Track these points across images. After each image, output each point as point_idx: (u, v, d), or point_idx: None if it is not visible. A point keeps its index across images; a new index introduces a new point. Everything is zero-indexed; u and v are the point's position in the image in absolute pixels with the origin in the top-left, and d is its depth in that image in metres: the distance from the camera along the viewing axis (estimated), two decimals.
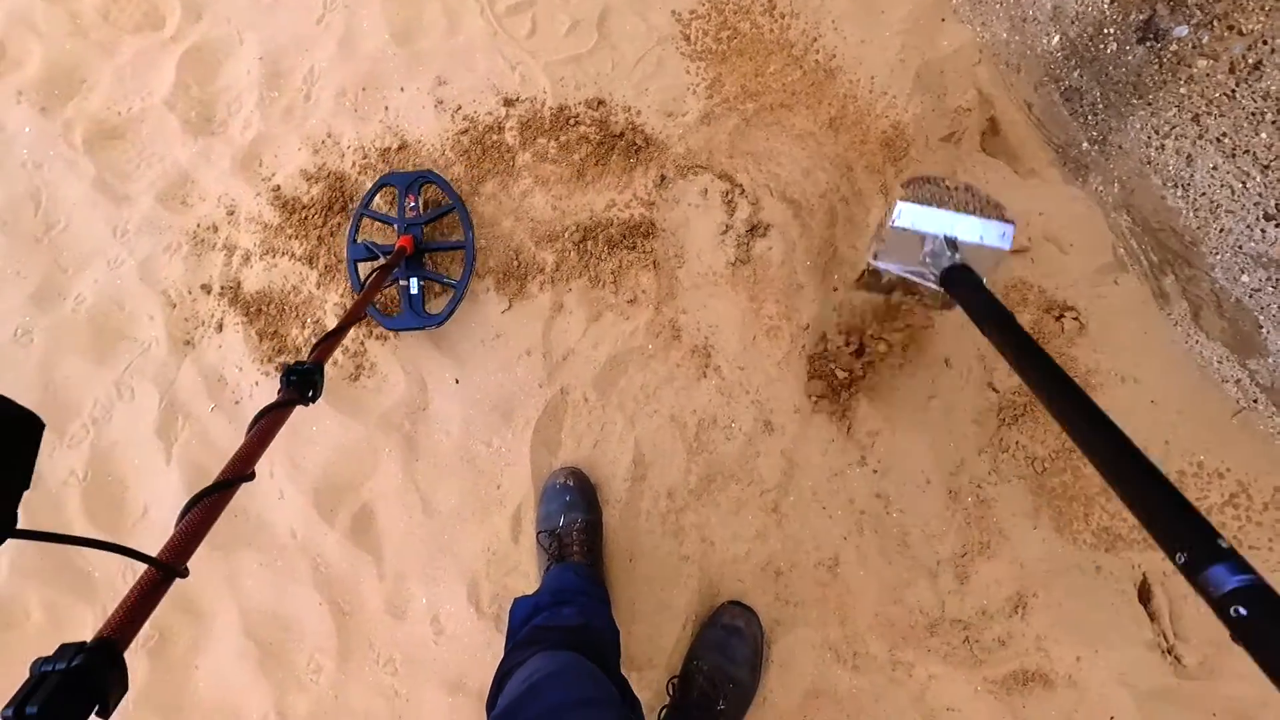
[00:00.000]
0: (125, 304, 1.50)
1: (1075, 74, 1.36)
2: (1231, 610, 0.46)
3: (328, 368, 1.41)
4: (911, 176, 1.05)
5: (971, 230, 0.96)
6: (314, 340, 1.43)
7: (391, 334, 1.43)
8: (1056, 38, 1.38)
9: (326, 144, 1.54)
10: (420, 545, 1.34)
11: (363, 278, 1.39)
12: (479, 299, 1.44)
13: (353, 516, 1.36)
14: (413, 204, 1.41)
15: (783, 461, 1.33)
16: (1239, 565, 0.47)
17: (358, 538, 1.35)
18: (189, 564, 0.60)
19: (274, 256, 1.49)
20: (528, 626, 1.00)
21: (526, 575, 1.31)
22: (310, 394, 0.86)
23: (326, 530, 1.35)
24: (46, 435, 1.43)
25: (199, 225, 1.52)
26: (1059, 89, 1.40)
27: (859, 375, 1.35)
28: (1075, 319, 1.37)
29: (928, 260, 0.98)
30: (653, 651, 1.25)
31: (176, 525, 0.60)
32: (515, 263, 1.44)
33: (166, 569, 0.55)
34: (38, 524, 1.37)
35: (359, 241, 1.41)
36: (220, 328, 1.46)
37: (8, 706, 0.47)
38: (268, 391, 1.42)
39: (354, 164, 1.52)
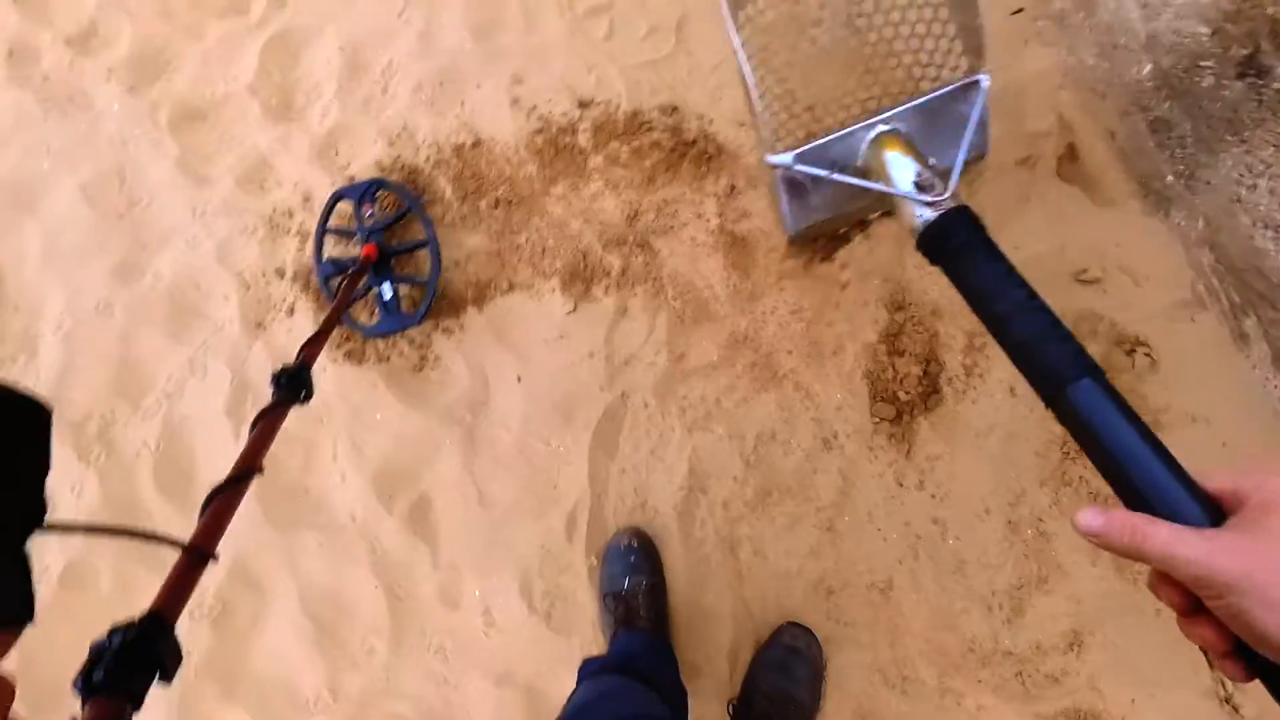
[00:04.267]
0: (201, 283, 1.54)
1: (1165, 105, 1.33)
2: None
3: (394, 358, 1.45)
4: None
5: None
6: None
7: (457, 328, 1.45)
8: (1148, 66, 1.35)
9: (402, 137, 1.56)
10: (475, 537, 1.37)
11: (334, 291, 1.44)
12: (544, 298, 1.45)
13: (411, 505, 1.39)
14: (369, 212, 1.44)
15: (839, 480, 1.33)
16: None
17: (415, 526, 1.38)
18: (218, 549, 0.67)
19: (347, 245, 1.52)
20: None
21: (579, 575, 1.33)
22: (303, 394, 0.93)
23: (384, 516, 1.39)
24: (122, 405, 1.49)
25: (275, 210, 1.56)
26: (1146, 119, 1.37)
27: (922, 398, 1.35)
28: (1147, 354, 1.35)
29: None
30: (700, 660, 1.27)
31: (200, 518, 0.67)
32: (582, 265, 1.46)
33: (199, 553, 0.62)
34: (111, 490, 1.43)
35: (325, 261, 1.45)
36: (291, 312, 1.50)
37: (76, 678, 0.52)
38: (334, 376, 1.45)
39: (428, 158, 1.55)
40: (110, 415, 1.48)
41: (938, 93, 0.71)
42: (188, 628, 1.35)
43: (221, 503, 0.68)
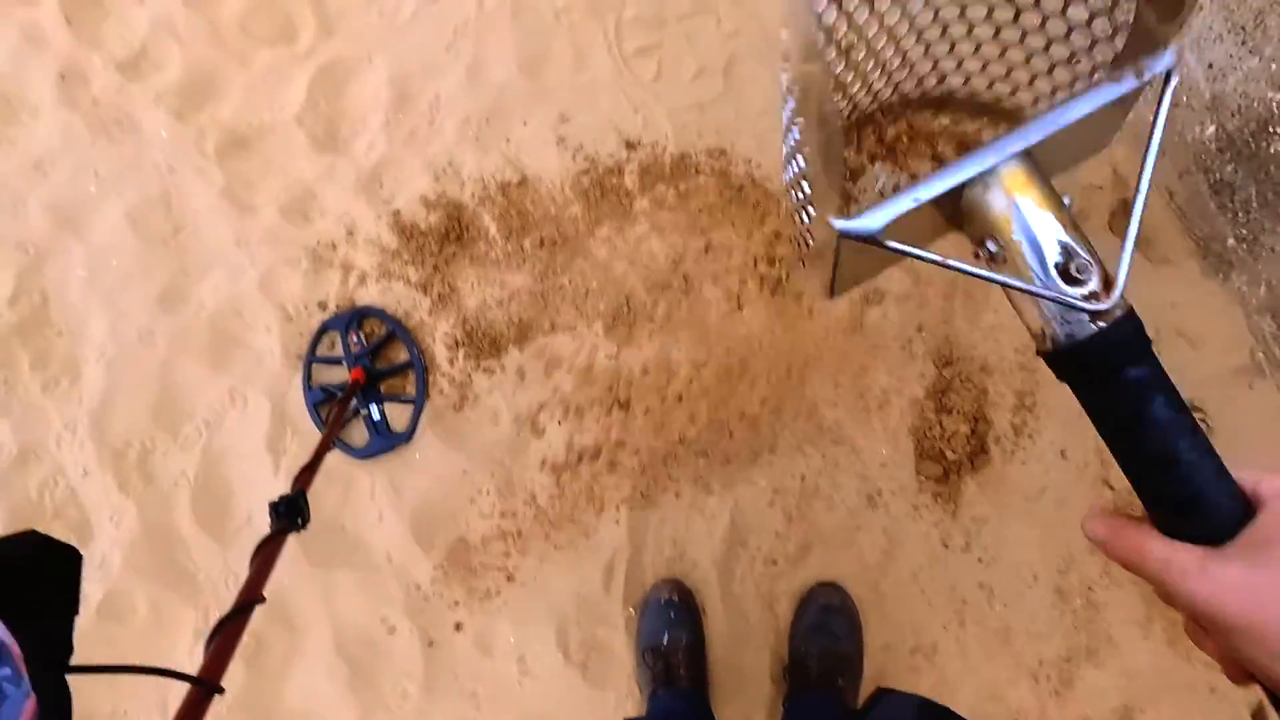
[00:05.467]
0: (244, 313, 1.54)
1: (1229, 168, 1.31)
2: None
3: (435, 396, 1.44)
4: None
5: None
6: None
7: (498, 368, 1.45)
8: (1212, 128, 1.32)
9: (447, 172, 1.56)
10: (511, 582, 1.36)
11: (324, 416, 1.45)
12: (586, 341, 1.44)
13: (448, 547, 1.38)
14: (355, 339, 1.46)
15: (883, 539, 1.30)
16: None
17: (451, 569, 1.37)
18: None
19: (389, 280, 1.52)
20: None
21: (616, 626, 1.31)
22: (300, 520, 0.95)
23: (421, 558, 1.38)
24: (162, 434, 1.49)
25: (319, 242, 1.56)
26: (1207, 180, 1.35)
27: (970, 457, 1.32)
28: (1203, 420, 1.32)
29: None
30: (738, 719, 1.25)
31: (205, 650, 0.69)
32: (626, 308, 1.44)
33: (207, 686, 0.64)
34: (148, 520, 1.42)
35: (313, 388, 1.46)
36: (333, 345, 1.50)
37: None
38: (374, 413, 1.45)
39: (473, 194, 1.54)
40: (150, 444, 1.48)
41: (1104, 97, 0.43)
42: None
43: (226, 635, 0.71)
